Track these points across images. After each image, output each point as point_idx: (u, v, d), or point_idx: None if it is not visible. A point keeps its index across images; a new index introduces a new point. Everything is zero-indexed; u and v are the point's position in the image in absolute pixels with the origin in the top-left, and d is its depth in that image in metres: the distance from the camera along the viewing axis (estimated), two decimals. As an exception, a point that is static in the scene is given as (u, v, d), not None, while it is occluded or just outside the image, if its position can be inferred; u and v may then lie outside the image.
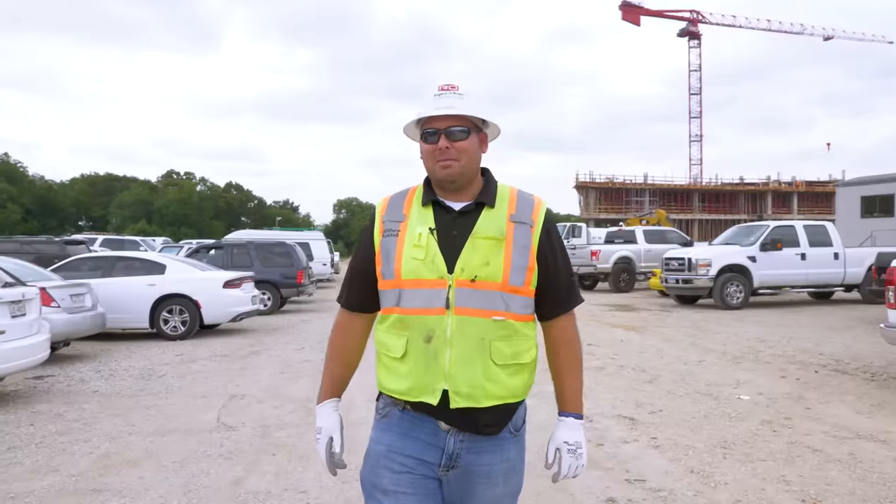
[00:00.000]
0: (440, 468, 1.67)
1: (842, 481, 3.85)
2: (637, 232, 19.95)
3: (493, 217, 1.67)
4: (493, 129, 1.77)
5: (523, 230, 1.67)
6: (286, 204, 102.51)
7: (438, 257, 1.62)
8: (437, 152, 1.66)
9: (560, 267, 1.73)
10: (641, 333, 10.26)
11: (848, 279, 14.24)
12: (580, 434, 1.74)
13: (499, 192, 1.73)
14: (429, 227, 1.66)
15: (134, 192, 76.91)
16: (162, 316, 10.34)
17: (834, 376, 6.86)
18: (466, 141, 1.67)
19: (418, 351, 1.63)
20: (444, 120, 1.67)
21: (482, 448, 1.67)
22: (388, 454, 1.67)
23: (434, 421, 1.64)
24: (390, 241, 1.69)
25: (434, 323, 1.61)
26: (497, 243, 1.64)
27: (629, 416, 5.33)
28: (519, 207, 1.71)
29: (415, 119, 1.72)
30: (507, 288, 1.63)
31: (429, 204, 1.70)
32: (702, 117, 75.38)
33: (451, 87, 1.69)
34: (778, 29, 76.07)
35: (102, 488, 3.86)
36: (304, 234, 24.59)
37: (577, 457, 1.71)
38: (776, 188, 68.85)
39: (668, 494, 3.69)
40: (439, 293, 1.61)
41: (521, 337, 1.67)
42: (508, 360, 1.64)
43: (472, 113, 1.67)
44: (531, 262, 1.67)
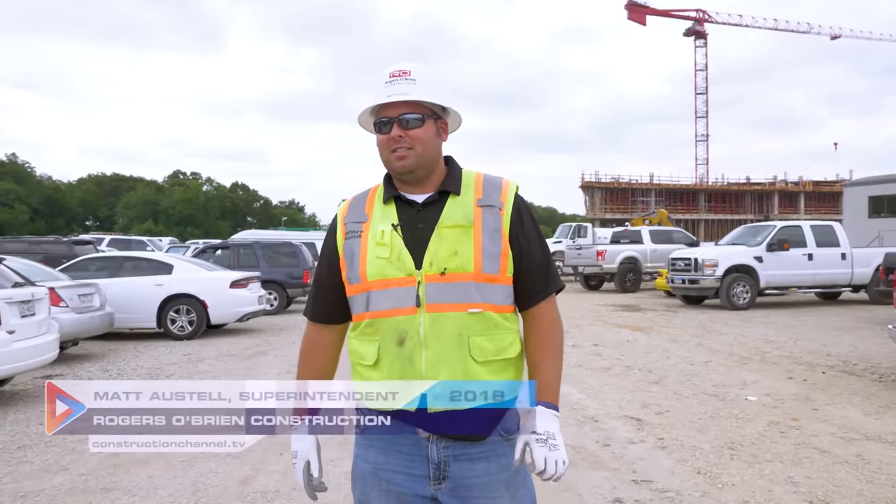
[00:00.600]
0: (431, 481, 1.55)
1: (849, 482, 3.84)
2: (643, 232, 19.90)
3: (459, 204, 1.58)
4: (454, 116, 1.67)
5: (492, 213, 1.57)
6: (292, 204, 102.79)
7: (404, 253, 1.54)
8: (390, 142, 1.57)
9: (534, 250, 1.61)
10: (648, 334, 10.24)
11: (855, 280, 14.17)
12: (552, 424, 1.53)
13: (464, 179, 1.63)
14: (392, 224, 1.58)
15: (140, 193, 77.28)
16: (169, 316, 10.39)
17: (841, 377, 6.84)
18: (422, 129, 1.57)
19: (391, 356, 1.53)
20: (397, 107, 1.57)
21: (473, 455, 1.55)
22: (374, 472, 1.59)
23: (414, 430, 1.54)
24: (353, 243, 1.61)
25: (406, 323, 1.51)
26: (464, 231, 1.54)
27: (636, 417, 5.33)
28: (486, 191, 1.61)
29: (368, 108, 1.62)
30: (481, 277, 1.53)
31: (391, 200, 1.62)
32: (708, 117, 75.17)
33: (403, 73, 1.58)
34: (785, 28, 75.76)
35: (112, 487, 3.90)
36: (310, 234, 24.65)
37: (551, 448, 1.50)
38: (783, 188, 68.56)
39: (675, 495, 3.69)
40: (409, 291, 1.52)
41: (503, 330, 1.56)
42: (491, 356, 1.53)
43: (426, 98, 1.57)
44: (504, 246, 1.56)
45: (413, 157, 1.57)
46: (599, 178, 63.61)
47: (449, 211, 1.57)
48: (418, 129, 1.57)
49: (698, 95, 74.88)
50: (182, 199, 76.21)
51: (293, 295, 15.02)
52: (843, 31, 76.20)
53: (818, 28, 75.74)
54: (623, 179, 64.48)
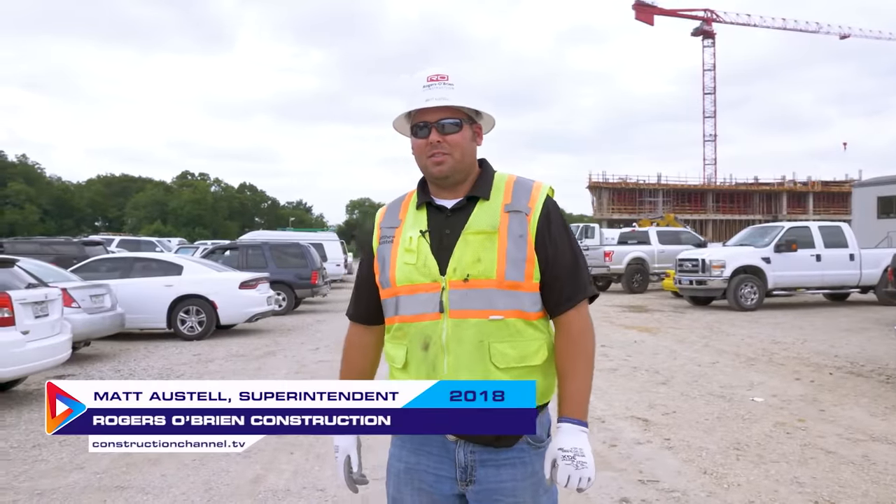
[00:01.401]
0: (458, 482, 1.58)
1: (855, 483, 3.86)
2: (650, 233, 19.89)
3: (487, 210, 1.57)
4: (487, 119, 1.67)
5: (518, 219, 1.55)
6: (299, 204, 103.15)
7: (430, 260, 1.55)
8: (427, 147, 1.57)
9: (562, 255, 1.58)
10: (655, 335, 10.26)
11: (864, 280, 14.12)
12: (580, 440, 1.52)
13: (495, 183, 1.62)
14: (420, 230, 1.59)
15: (149, 193, 77.76)
16: (179, 316, 10.48)
17: (848, 378, 6.84)
18: (459, 134, 1.57)
19: (417, 360, 1.56)
20: (435, 112, 1.56)
21: (500, 462, 1.56)
22: (406, 471, 1.63)
23: None
24: (385, 248, 1.64)
25: (430, 329, 1.54)
26: (489, 237, 1.54)
27: (643, 418, 5.36)
28: (515, 195, 1.59)
29: (404, 112, 1.62)
30: (505, 284, 1.52)
31: (423, 206, 1.63)
32: (716, 117, 74.92)
33: (441, 77, 1.58)
34: (793, 28, 75.42)
35: (126, 485, 3.96)
36: (318, 235, 24.75)
37: (578, 465, 1.49)
38: (791, 188, 68.24)
39: (681, 495, 3.72)
40: (433, 297, 1.54)
41: (528, 337, 1.55)
42: (514, 362, 1.53)
43: (464, 104, 1.57)
44: (530, 253, 1.54)
45: (450, 162, 1.57)
46: (607, 179, 63.51)
47: (476, 217, 1.57)
48: (456, 135, 1.57)
49: (706, 95, 74.67)
50: (190, 199, 76.64)
51: (301, 296, 15.12)
52: (851, 30, 75.78)
53: (827, 28, 75.36)
54: (630, 180, 64.35)
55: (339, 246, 23.93)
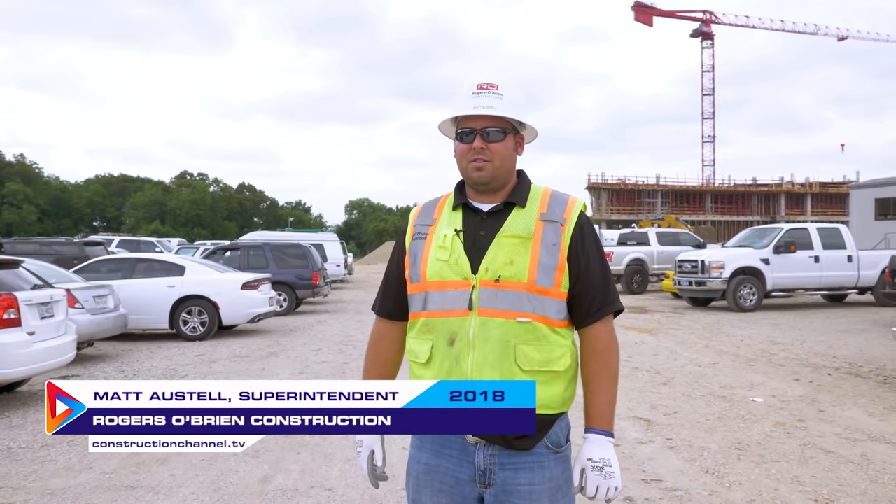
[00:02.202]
0: (477, 485, 1.60)
1: (854, 482, 3.92)
2: (650, 234, 19.94)
3: (523, 216, 1.62)
4: (530, 131, 1.71)
5: (553, 228, 1.60)
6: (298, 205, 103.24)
7: (463, 258, 1.59)
8: (471, 152, 1.61)
9: (593, 268, 1.63)
10: (655, 335, 10.32)
11: (861, 282, 14.20)
12: (608, 451, 1.59)
13: (531, 193, 1.67)
14: (455, 229, 1.63)
15: (148, 193, 77.80)
16: (181, 317, 10.53)
17: (847, 379, 6.91)
18: (502, 143, 1.62)
19: (442, 355, 1.58)
20: (481, 120, 1.61)
21: (518, 465, 1.58)
22: (426, 472, 1.65)
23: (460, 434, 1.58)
24: (418, 244, 1.68)
25: (457, 325, 1.57)
26: (523, 242, 1.58)
27: (645, 418, 5.42)
28: (551, 206, 1.64)
29: (451, 117, 1.67)
30: (534, 288, 1.56)
31: (459, 207, 1.68)
32: (714, 118, 75.02)
33: (491, 87, 1.62)
34: (792, 29, 75.54)
35: (136, 485, 4.01)
36: (319, 236, 24.79)
37: (606, 476, 1.57)
38: (789, 189, 68.33)
39: (683, 494, 3.78)
40: (463, 294, 1.57)
41: (553, 343, 1.58)
42: (537, 366, 1.55)
43: (511, 115, 1.61)
44: (561, 261, 1.58)
45: (490, 168, 1.61)
46: (606, 180, 63.56)
47: (511, 221, 1.61)
48: (499, 143, 1.62)
49: (705, 96, 74.73)
50: (189, 199, 76.72)
51: (302, 296, 15.17)
52: (850, 32, 75.93)
53: (825, 29, 75.49)
54: (630, 181, 64.41)
55: (340, 246, 23.98)
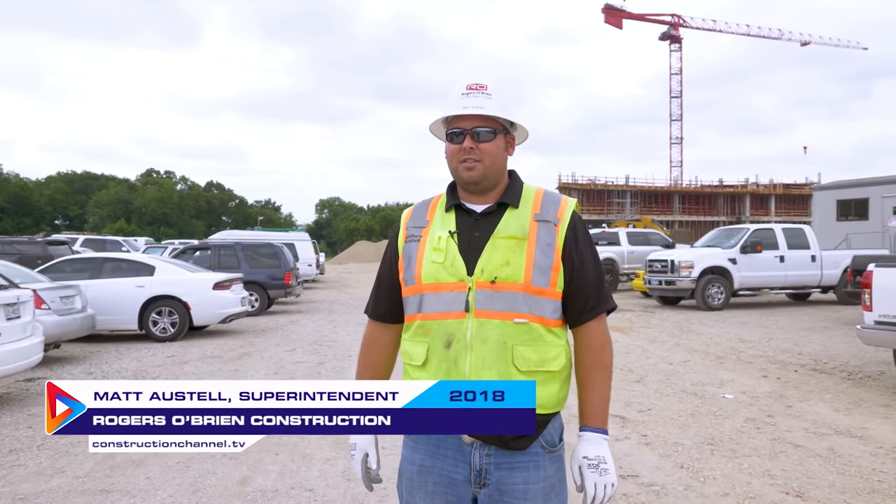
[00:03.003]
0: (472, 485, 1.60)
1: (822, 475, 4.05)
2: (620, 234, 20.22)
3: (517, 217, 1.63)
4: (521, 131, 1.72)
5: (547, 228, 1.61)
6: (268, 203, 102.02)
7: (458, 260, 1.59)
8: (461, 153, 1.62)
9: (587, 267, 1.64)
10: (627, 334, 10.47)
11: (824, 281, 14.61)
12: (603, 448, 1.60)
13: (524, 193, 1.68)
14: (449, 231, 1.63)
15: (112, 191, 76.10)
16: (151, 317, 10.35)
17: (813, 375, 7.11)
18: (492, 143, 1.62)
19: (439, 357, 1.58)
20: (471, 120, 1.62)
21: (514, 465, 1.58)
22: (420, 473, 1.64)
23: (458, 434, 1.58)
24: (412, 246, 1.67)
25: (454, 327, 1.56)
26: (518, 243, 1.58)
27: (620, 415, 5.50)
28: (544, 206, 1.65)
29: (441, 118, 1.67)
30: (530, 289, 1.56)
31: (451, 208, 1.68)
32: (682, 120, 76.35)
33: (480, 87, 1.63)
34: (757, 34, 77.24)
35: (111, 488, 3.94)
36: (290, 235, 24.57)
37: (602, 472, 1.58)
38: (754, 191, 69.84)
39: (660, 489, 3.86)
40: (459, 296, 1.57)
41: (548, 343, 1.59)
42: (534, 366, 1.56)
43: (500, 115, 1.62)
44: (556, 261, 1.59)
45: (481, 168, 1.62)
46: (576, 180, 64.18)
47: (505, 222, 1.62)
48: (489, 143, 1.62)
49: (673, 99, 76.01)
50: (155, 197, 75.26)
51: (275, 296, 15.04)
52: (812, 37, 77.94)
53: (789, 34, 77.40)
54: (599, 181, 65.14)
55: (311, 246, 23.80)
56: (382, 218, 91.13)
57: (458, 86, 1.66)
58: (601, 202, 63.74)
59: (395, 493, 1.81)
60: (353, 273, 35.62)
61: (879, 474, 4.04)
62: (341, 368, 7.90)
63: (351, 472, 4.11)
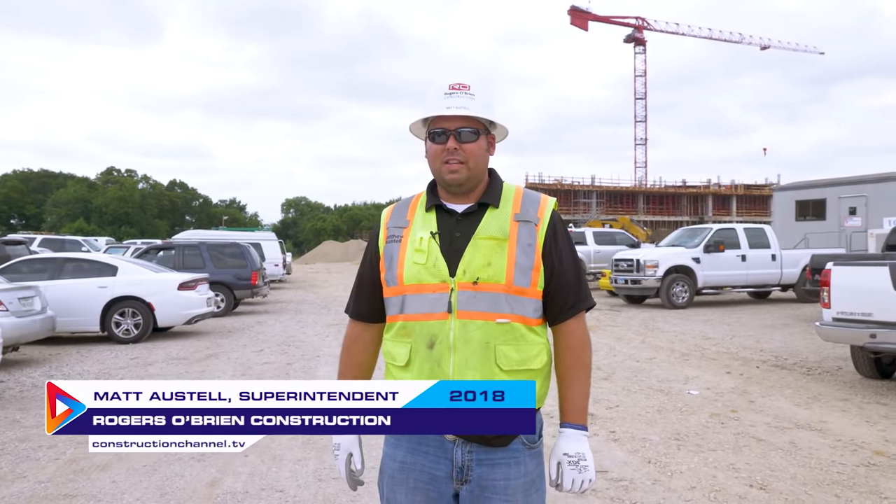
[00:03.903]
0: (454, 481, 1.61)
1: (784, 467, 4.17)
2: (587, 233, 20.48)
3: (497, 217, 1.63)
4: (500, 130, 1.72)
5: (528, 229, 1.62)
6: (233, 203, 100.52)
7: (440, 261, 1.59)
8: (444, 153, 1.61)
9: (567, 266, 1.65)
10: (595, 332, 10.61)
11: (784, 279, 15.01)
12: (583, 445, 1.63)
13: (504, 193, 1.68)
14: (430, 231, 1.63)
15: (71, 190, 74.09)
16: (114, 319, 10.11)
17: (774, 371, 7.31)
18: (475, 143, 1.62)
19: (422, 358, 1.58)
20: (454, 120, 1.61)
21: (495, 461, 1.60)
22: (401, 470, 1.64)
23: None
24: (393, 247, 1.66)
25: (437, 328, 1.57)
26: (499, 243, 1.59)
27: (588, 412, 5.57)
28: (524, 206, 1.65)
29: (423, 117, 1.66)
30: (512, 289, 1.57)
31: (432, 209, 1.67)
32: (647, 121, 77.58)
33: (463, 87, 1.62)
34: (719, 37, 78.94)
35: (75, 493, 3.85)
36: (256, 235, 24.26)
37: (581, 469, 1.61)
38: (716, 191, 71.35)
39: (628, 483, 3.93)
40: (441, 297, 1.57)
41: (530, 342, 1.61)
42: (516, 365, 1.58)
43: (484, 115, 1.62)
44: (537, 261, 1.61)
45: (465, 170, 1.62)
46: (543, 180, 64.73)
47: (486, 223, 1.62)
48: (472, 144, 1.62)
49: (638, 100, 77.20)
50: (116, 196, 73.51)
51: (241, 297, 14.83)
52: (771, 41, 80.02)
53: (749, 38, 79.28)
54: (566, 181, 65.82)
55: (278, 245, 23.53)
56: (350, 217, 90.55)
57: (439, 84, 1.65)
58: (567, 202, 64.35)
59: (368, 493, 1.81)
60: (320, 273, 35.30)
61: (838, 466, 4.18)
62: (309, 368, 7.84)
63: (322, 472, 4.08)
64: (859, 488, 3.81)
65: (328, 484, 3.85)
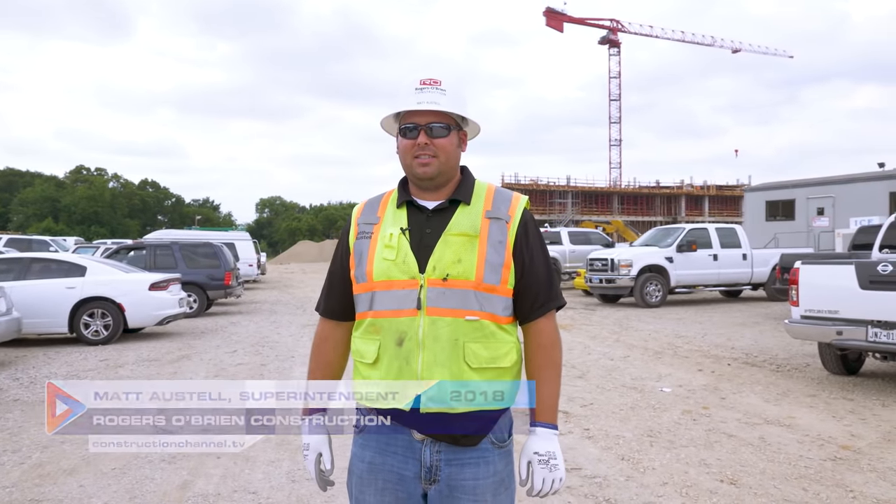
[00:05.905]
0: (422, 482, 1.60)
1: (754, 462, 4.24)
2: (562, 233, 20.62)
3: (468, 214, 1.62)
4: (472, 127, 1.72)
5: (499, 226, 1.61)
6: (206, 202, 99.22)
7: (410, 257, 1.57)
8: (415, 148, 1.60)
9: (537, 264, 1.64)
10: (569, 331, 10.68)
11: (755, 278, 15.28)
12: (553, 444, 1.62)
13: (475, 190, 1.67)
14: (400, 228, 1.61)
15: (38, 189, 72.44)
16: (83, 320, 9.91)
17: (744, 368, 7.43)
18: (447, 139, 1.61)
19: (390, 356, 1.56)
20: (425, 115, 1.60)
21: (464, 461, 1.59)
22: (370, 470, 1.63)
23: (409, 431, 1.58)
24: (363, 243, 1.64)
25: (406, 325, 1.55)
26: (470, 240, 1.58)
27: (563, 410, 5.61)
28: (495, 203, 1.65)
29: (393, 112, 1.65)
30: (482, 286, 1.56)
31: (403, 205, 1.66)
32: (621, 122, 78.31)
33: (434, 82, 1.61)
34: (691, 40, 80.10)
35: (41, 498, 3.76)
36: (230, 234, 23.97)
37: (552, 468, 1.60)
38: (689, 192, 72.35)
39: (602, 480, 3.96)
40: (410, 294, 1.55)
41: (499, 340, 1.59)
42: (485, 363, 1.56)
43: (455, 111, 1.62)
44: (507, 258, 1.59)
45: (436, 165, 1.61)
46: (519, 180, 64.99)
47: (457, 219, 1.61)
48: (443, 139, 1.61)
49: (612, 102, 77.89)
50: (86, 195, 72.05)
51: (214, 297, 14.63)
52: (742, 45, 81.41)
53: (721, 41, 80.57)
54: (542, 182, 66.18)
55: (252, 245, 23.29)
56: (325, 217, 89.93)
57: (410, 80, 1.64)
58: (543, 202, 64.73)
59: (343, 494, 1.79)
60: (294, 273, 35.04)
61: (806, 460, 4.27)
62: (284, 369, 7.77)
63: (295, 473, 4.05)
64: (826, 482, 3.89)
65: (301, 485, 3.81)
